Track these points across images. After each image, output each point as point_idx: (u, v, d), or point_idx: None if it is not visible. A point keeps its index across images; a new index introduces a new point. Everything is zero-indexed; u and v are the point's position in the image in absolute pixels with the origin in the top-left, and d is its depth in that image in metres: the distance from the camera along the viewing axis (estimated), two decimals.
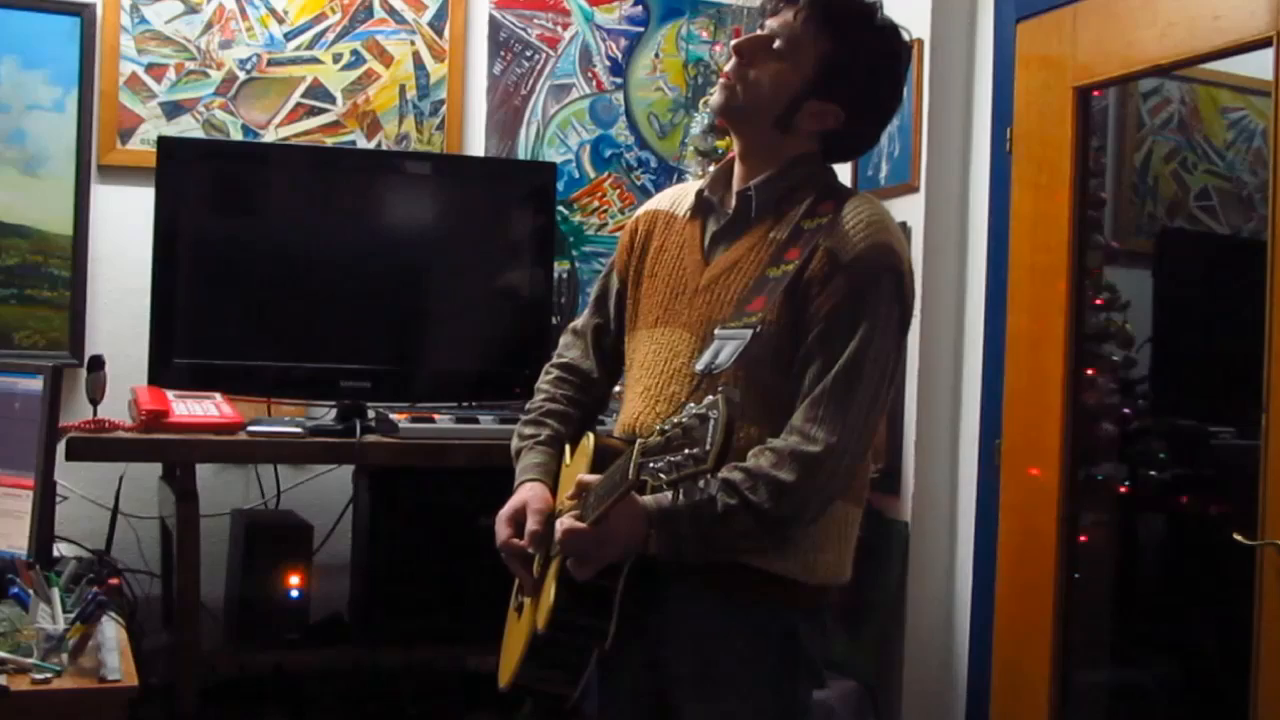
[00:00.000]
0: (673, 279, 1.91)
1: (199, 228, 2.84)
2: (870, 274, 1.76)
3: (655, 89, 3.58)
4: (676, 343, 1.87)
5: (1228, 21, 2.41)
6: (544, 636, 1.76)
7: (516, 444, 2.02)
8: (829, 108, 1.84)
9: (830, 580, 1.85)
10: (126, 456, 2.71)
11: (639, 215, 2.06)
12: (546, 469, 1.95)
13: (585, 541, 1.70)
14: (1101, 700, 3.10)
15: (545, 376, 2.10)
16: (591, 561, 1.72)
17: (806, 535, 1.79)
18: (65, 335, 3.08)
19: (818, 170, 1.91)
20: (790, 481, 1.71)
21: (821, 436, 1.72)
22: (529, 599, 1.87)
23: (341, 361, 2.86)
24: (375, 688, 2.98)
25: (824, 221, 1.80)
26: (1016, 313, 2.90)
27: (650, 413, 1.86)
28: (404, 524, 2.82)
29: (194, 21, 3.19)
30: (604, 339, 2.08)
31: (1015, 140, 2.91)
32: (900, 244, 1.83)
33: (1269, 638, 2.28)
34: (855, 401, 1.74)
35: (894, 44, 1.88)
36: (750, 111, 1.86)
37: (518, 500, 1.89)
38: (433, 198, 3.08)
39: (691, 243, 1.92)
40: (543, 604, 1.77)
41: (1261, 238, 2.37)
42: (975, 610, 3.00)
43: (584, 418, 2.05)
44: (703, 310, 1.84)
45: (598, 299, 2.10)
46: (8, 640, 1.94)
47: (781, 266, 1.79)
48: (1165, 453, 3.31)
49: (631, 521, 1.71)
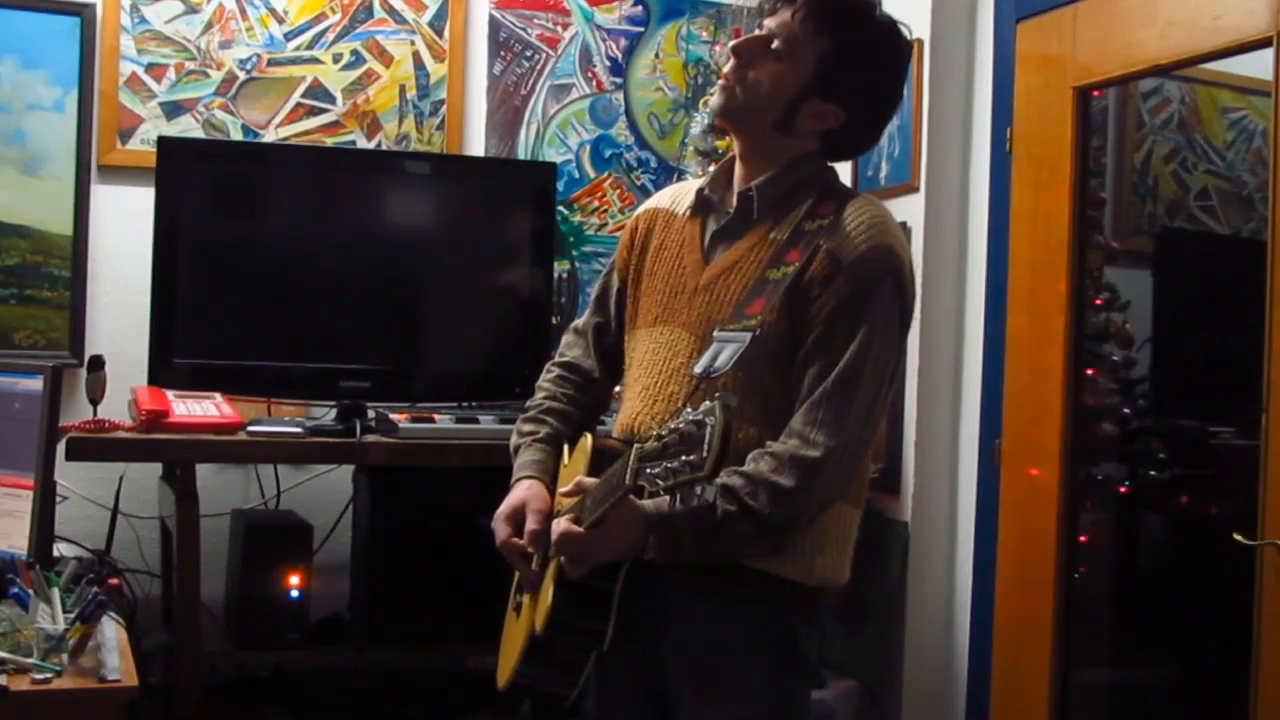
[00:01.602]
0: (672, 278, 1.91)
1: (199, 228, 2.84)
2: (871, 276, 1.76)
3: (655, 89, 3.58)
4: (676, 342, 1.86)
5: (1228, 21, 2.41)
6: (542, 638, 1.76)
7: (515, 440, 2.02)
8: (829, 108, 1.83)
9: (828, 581, 1.85)
10: (126, 456, 2.71)
11: (639, 213, 2.06)
12: (544, 466, 1.95)
13: (581, 545, 1.70)
14: (1101, 700, 3.10)
15: (546, 375, 2.10)
16: (585, 561, 1.71)
17: (805, 537, 1.79)
18: (65, 335, 3.08)
19: (819, 170, 1.90)
20: (790, 487, 1.70)
21: (821, 440, 1.72)
22: (527, 598, 1.87)
23: (341, 361, 2.86)
24: (375, 688, 2.98)
25: (825, 223, 1.80)
26: (1016, 312, 2.90)
27: (648, 413, 1.86)
28: (404, 524, 2.82)
29: (194, 21, 3.19)
30: (605, 338, 2.08)
31: (1015, 140, 2.91)
32: (901, 245, 1.82)
33: (1269, 638, 2.28)
34: (854, 404, 1.73)
35: (894, 41, 1.87)
36: (750, 113, 1.85)
37: (516, 499, 1.89)
38: (433, 198, 3.08)
39: (692, 241, 1.92)
40: (541, 605, 1.77)
41: (1261, 238, 2.37)
42: (975, 610, 3.00)
43: (584, 417, 2.05)
44: (702, 310, 1.84)
45: (598, 298, 2.10)
46: (8, 640, 1.94)
47: (781, 268, 1.78)
48: (1165, 453, 3.31)
49: (630, 526, 1.71)
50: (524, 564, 1.86)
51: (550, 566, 1.78)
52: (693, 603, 1.80)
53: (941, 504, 3.07)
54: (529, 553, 1.84)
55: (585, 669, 1.81)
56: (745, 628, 1.81)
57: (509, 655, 1.93)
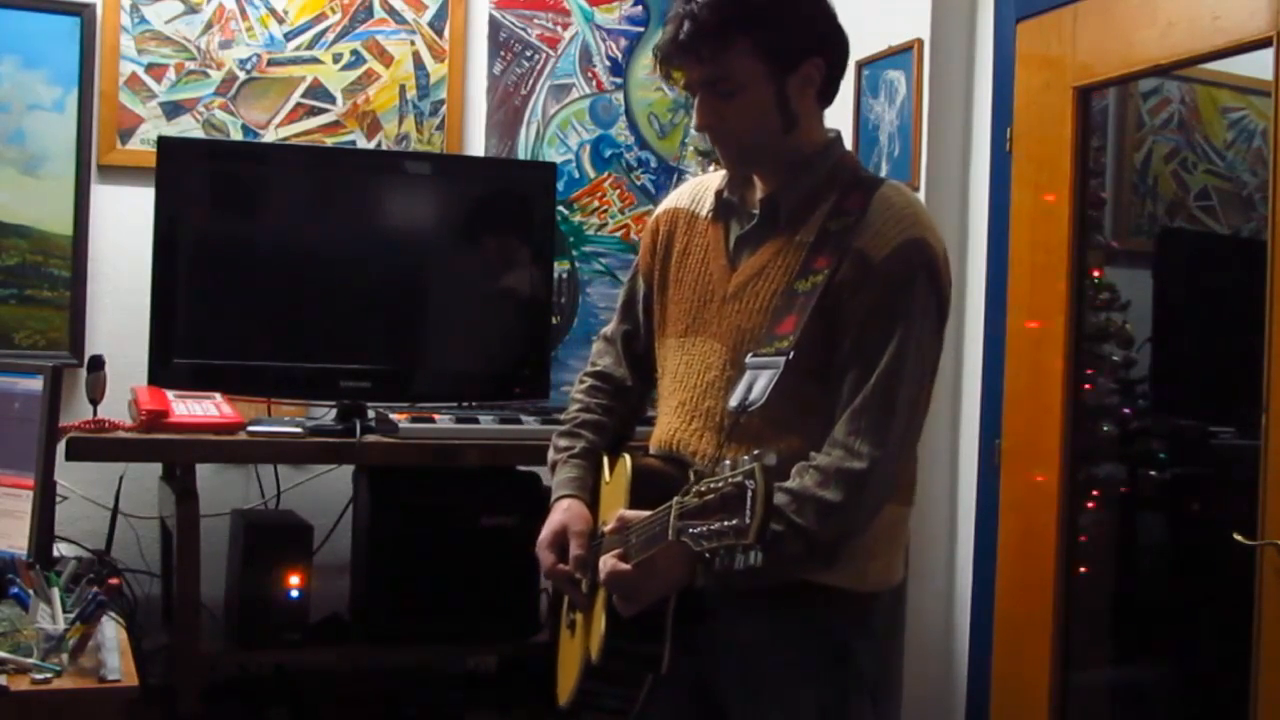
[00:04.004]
0: (699, 285, 1.87)
1: (199, 228, 2.85)
2: (904, 274, 1.71)
3: (655, 89, 3.58)
4: (708, 354, 1.83)
5: (1228, 21, 2.41)
6: (598, 666, 1.75)
7: (552, 456, 2.00)
8: (804, 69, 1.77)
9: (881, 586, 1.81)
10: (126, 456, 2.71)
11: (659, 214, 2.01)
12: (582, 483, 1.92)
13: (630, 582, 1.67)
14: (1101, 700, 3.10)
15: (579, 386, 2.07)
16: (638, 600, 1.69)
17: (856, 544, 1.74)
18: (65, 335, 3.08)
19: (839, 161, 1.85)
20: (838, 501, 1.66)
21: (865, 450, 1.67)
22: (580, 617, 1.86)
23: (341, 361, 2.86)
24: (375, 688, 2.98)
25: (851, 220, 1.74)
26: (1016, 312, 2.89)
27: (687, 429, 1.83)
28: (404, 524, 2.82)
29: (194, 21, 3.19)
30: (635, 345, 2.04)
31: (1015, 140, 2.91)
32: (934, 234, 1.77)
33: (1269, 638, 2.28)
34: (897, 408, 1.69)
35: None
36: (764, 145, 1.80)
37: (556, 523, 1.87)
38: (433, 198, 3.08)
39: (716, 246, 1.88)
40: (594, 633, 1.76)
41: (1261, 238, 2.37)
42: (975, 610, 2.99)
43: (620, 426, 2.03)
44: (732, 319, 1.80)
45: (625, 304, 2.06)
46: (8, 640, 1.94)
47: (810, 278, 1.73)
48: (1165, 453, 3.31)
49: (677, 560, 1.66)
50: (574, 589, 1.84)
51: (600, 593, 1.76)
52: (742, 615, 1.76)
53: (941, 504, 3.07)
54: (577, 578, 1.83)
55: (643, 688, 1.79)
56: (795, 638, 1.77)
57: (567, 673, 1.91)
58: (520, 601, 2.86)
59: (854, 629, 1.80)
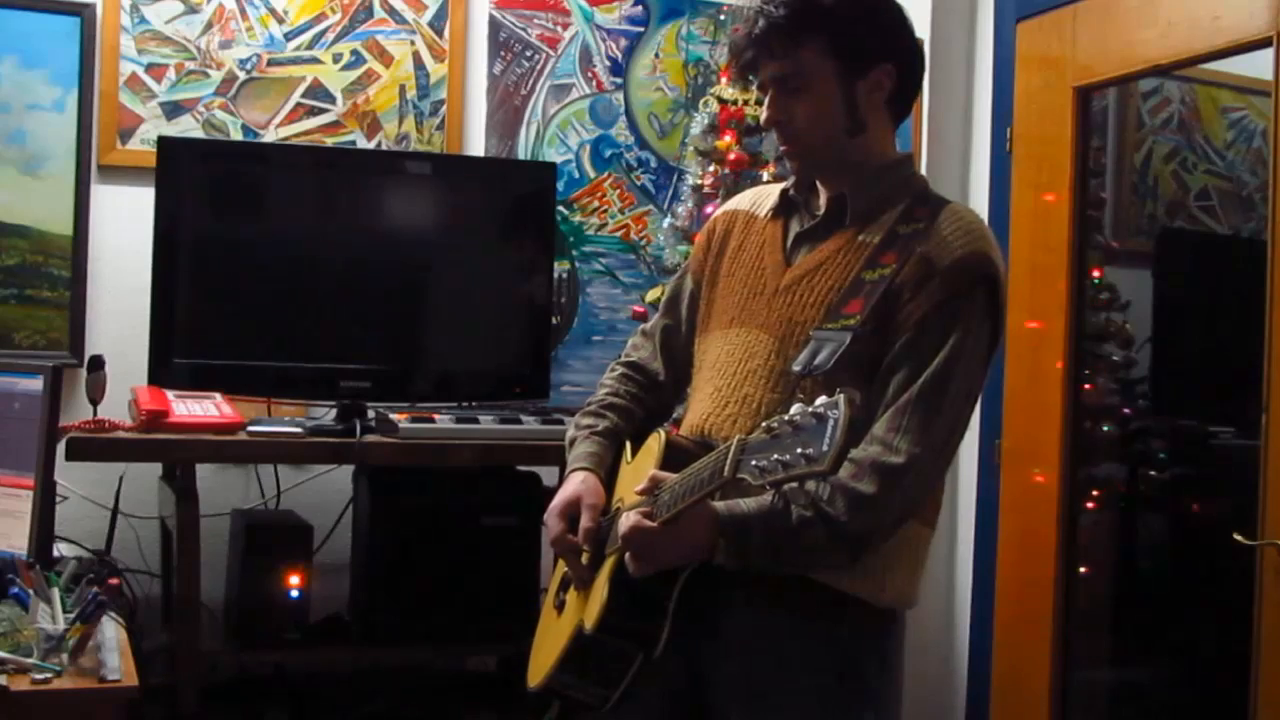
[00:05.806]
0: (751, 279, 1.86)
1: (199, 228, 2.84)
2: (967, 282, 1.71)
3: (655, 89, 3.58)
4: (753, 344, 1.81)
5: (1228, 21, 2.42)
6: (590, 637, 1.70)
7: (571, 433, 1.98)
8: (874, 75, 1.79)
9: (898, 604, 1.80)
10: (126, 456, 2.71)
11: (717, 216, 2.01)
12: (600, 460, 1.90)
13: (652, 539, 1.64)
14: (1101, 700, 3.10)
15: (610, 373, 2.06)
16: (654, 561, 1.65)
17: (877, 553, 1.71)
18: (65, 335, 3.08)
19: (910, 177, 1.87)
20: (870, 494, 1.64)
21: (905, 447, 1.65)
22: (573, 596, 1.82)
23: (341, 361, 2.86)
24: (375, 688, 2.98)
25: (920, 227, 1.75)
26: (1016, 312, 2.90)
27: (720, 414, 1.80)
28: (404, 524, 2.82)
29: (194, 21, 3.19)
30: (673, 340, 2.03)
31: (1015, 140, 2.91)
32: (998, 254, 1.76)
33: (1269, 638, 2.28)
34: (941, 414, 1.68)
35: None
36: (830, 148, 1.80)
37: (570, 493, 1.84)
38: (433, 198, 3.08)
39: (773, 243, 1.87)
40: (593, 603, 1.71)
41: (1261, 238, 2.37)
42: (975, 610, 3.00)
43: (646, 417, 2.00)
44: (783, 311, 1.79)
45: (669, 301, 2.05)
46: (8, 640, 1.94)
47: (878, 270, 1.73)
48: (1165, 453, 3.31)
49: (701, 526, 1.64)
50: (577, 560, 1.80)
51: (605, 564, 1.73)
52: (750, 614, 1.74)
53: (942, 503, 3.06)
54: (582, 549, 1.80)
55: (626, 677, 1.73)
56: (804, 644, 1.75)
57: (545, 655, 1.86)
58: (520, 602, 2.86)
59: (865, 647, 1.78)
